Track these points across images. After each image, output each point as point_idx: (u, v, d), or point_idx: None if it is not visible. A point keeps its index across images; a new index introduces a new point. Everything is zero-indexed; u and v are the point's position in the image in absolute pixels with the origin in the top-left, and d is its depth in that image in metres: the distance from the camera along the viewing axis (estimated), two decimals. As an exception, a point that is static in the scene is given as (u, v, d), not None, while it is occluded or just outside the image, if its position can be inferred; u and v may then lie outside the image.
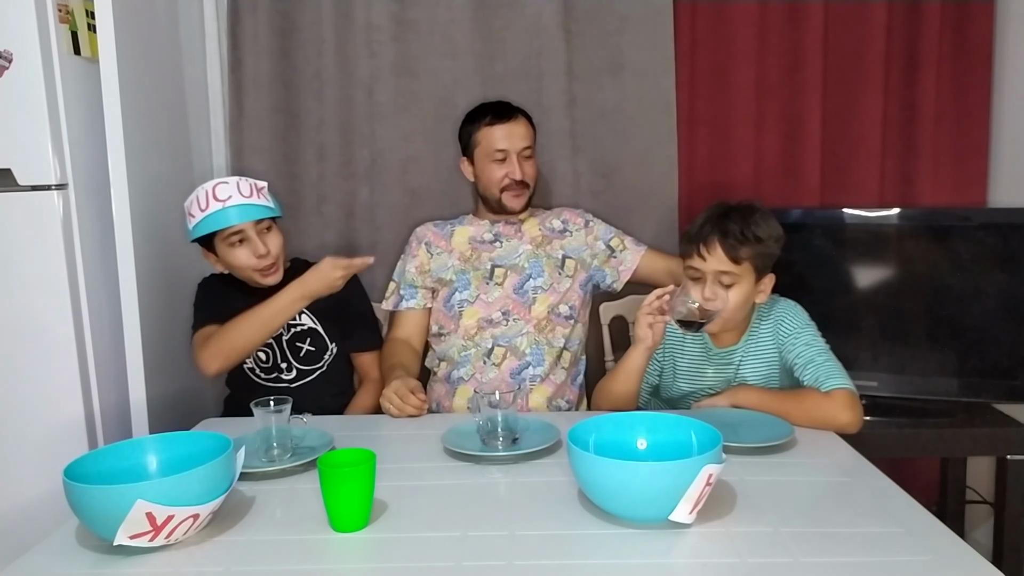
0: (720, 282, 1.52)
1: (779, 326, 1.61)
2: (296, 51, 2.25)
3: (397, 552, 1.06)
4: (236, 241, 1.73)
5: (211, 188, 1.71)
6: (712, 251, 1.50)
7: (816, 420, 1.47)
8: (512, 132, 1.92)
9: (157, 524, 1.03)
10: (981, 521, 2.28)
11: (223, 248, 1.74)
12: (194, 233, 1.74)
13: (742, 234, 1.50)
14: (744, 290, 1.53)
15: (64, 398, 1.76)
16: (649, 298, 1.51)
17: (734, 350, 1.64)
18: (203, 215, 1.71)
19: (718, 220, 1.52)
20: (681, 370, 1.69)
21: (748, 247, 1.50)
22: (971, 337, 1.93)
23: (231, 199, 1.71)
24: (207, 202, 1.71)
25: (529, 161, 1.95)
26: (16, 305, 1.74)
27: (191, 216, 1.74)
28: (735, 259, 1.50)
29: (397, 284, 2.03)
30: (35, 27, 1.66)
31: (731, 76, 2.25)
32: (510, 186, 1.93)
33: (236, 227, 1.71)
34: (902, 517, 1.10)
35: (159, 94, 1.98)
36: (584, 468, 1.12)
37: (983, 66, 2.20)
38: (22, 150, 1.70)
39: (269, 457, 1.35)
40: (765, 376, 1.64)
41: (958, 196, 2.24)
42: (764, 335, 1.63)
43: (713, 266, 1.51)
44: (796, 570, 0.98)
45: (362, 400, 1.88)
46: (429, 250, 2.00)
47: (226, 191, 1.71)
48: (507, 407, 1.39)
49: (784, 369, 1.62)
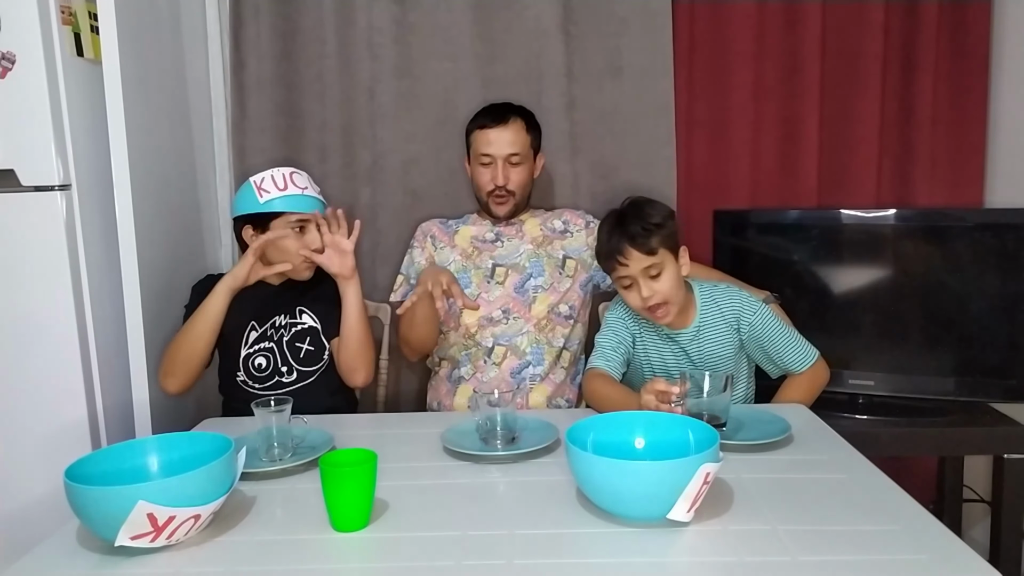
0: (650, 277, 1.61)
1: (741, 315, 1.70)
2: (298, 53, 2.25)
3: (397, 552, 1.06)
4: (298, 228, 1.76)
5: (288, 173, 1.77)
6: (628, 256, 1.60)
7: (815, 396, 1.70)
8: (499, 138, 1.91)
9: (158, 525, 1.04)
10: (978, 520, 2.28)
11: (281, 230, 1.76)
12: (266, 207, 1.74)
13: (644, 229, 1.60)
14: (671, 273, 1.63)
15: (67, 399, 1.76)
16: (658, 389, 1.44)
17: (686, 331, 1.72)
18: (280, 194, 1.75)
19: (618, 228, 1.63)
20: (642, 353, 1.77)
21: (654, 236, 1.60)
22: (968, 337, 1.94)
23: (307, 189, 1.78)
24: (285, 184, 1.75)
25: (517, 168, 1.93)
26: (19, 306, 1.74)
27: (264, 192, 1.74)
28: (650, 251, 1.60)
29: (405, 276, 2.03)
30: (38, 28, 1.67)
31: (729, 78, 2.25)
32: (494, 192, 1.93)
33: (306, 215, 1.76)
34: (900, 515, 1.11)
35: (161, 96, 1.99)
36: (582, 467, 1.13)
37: (980, 68, 2.21)
38: (25, 151, 1.71)
39: (270, 457, 1.36)
40: (720, 356, 1.71)
41: (955, 197, 2.25)
42: (717, 318, 1.72)
43: (636, 267, 1.61)
44: (794, 568, 0.98)
45: (369, 326, 1.84)
46: (434, 243, 2.02)
47: (302, 181, 1.79)
48: (506, 406, 1.40)
49: (740, 348, 1.74)
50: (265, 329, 1.83)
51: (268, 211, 1.75)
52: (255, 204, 1.75)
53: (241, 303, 1.81)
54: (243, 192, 1.79)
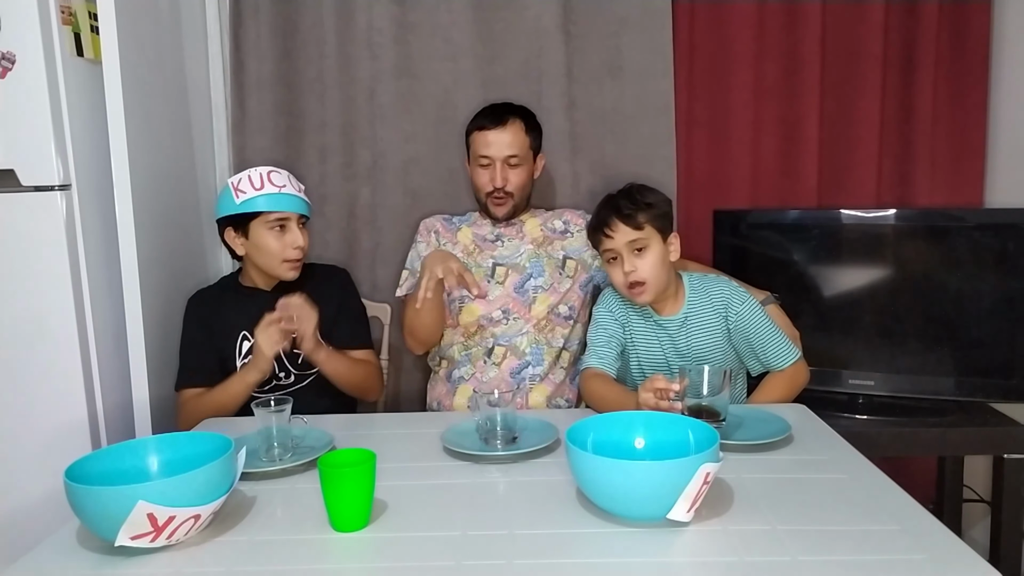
0: (634, 252, 1.64)
1: (730, 303, 1.71)
2: (298, 53, 2.26)
3: (397, 552, 1.06)
4: (277, 227, 1.76)
5: (265, 172, 1.77)
6: (615, 228, 1.64)
7: (793, 394, 1.70)
8: (498, 139, 1.90)
9: (158, 525, 1.04)
10: (978, 519, 2.29)
11: (260, 230, 1.76)
12: (242, 208, 1.74)
13: (633, 204, 1.64)
14: (656, 251, 1.65)
15: (67, 398, 1.77)
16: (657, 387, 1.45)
17: (675, 318, 1.72)
18: (257, 193, 1.74)
19: (609, 203, 1.68)
20: (629, 342, 1.77)
21: (642, 212, 1.64)
22: (968, 337, 1.94)
23: (285, 187, 1.77)
24: (262, 183, 1.75)
25: (516, 169, 1.93)
26: (19, 306, 1.75)
27: (241, 192, 1.74)
28: (636, 226, 1.63)
29: (411, 271, 2.03)
30: (38, 28, 1.67)
31: (729, 78, 2.26)
32: (492, 193, 1.93)
33: (284, 213, 1.76)
34: (900, 515, 1.11)
35: (161, 95, 1.99)
36: (582, 467, 1.13)
37: (980, 67, 2.21)
38: (25, 151, 1.71)
39: (270, 457, 1.36)
40: (711, 346, 1.72)
41: (955, 197, 2.25)
42: (706, 307, 1.72)
43: (621, 239, 1.64)
44: (794, 568, 0.98)
45: (358, 366, 1.85)
46: (438, 239, 2.02)
47: (280, 179, 1.78)
48: (506, 406, 1.40)
49: (727, 339, 1.73)
50: None
51: (245, 211, 1.75)
52: (232, 205, 1.76)
53: (233, 312, 1.80)
54: (222, 194, 1.80)
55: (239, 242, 1.80)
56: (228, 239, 1.81)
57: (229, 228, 1.79)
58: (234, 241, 1.80)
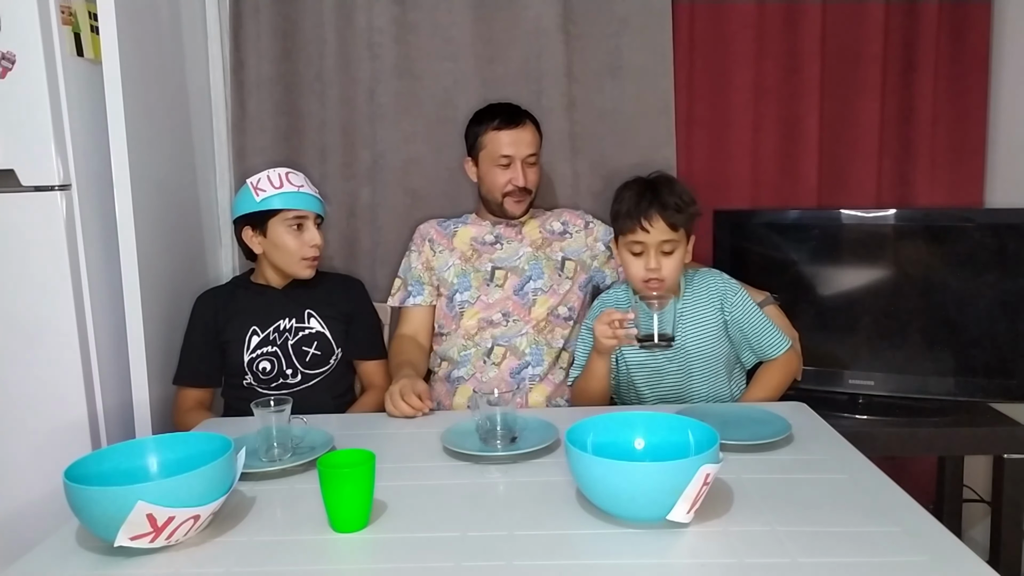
0: (662, 251, 1.63)
1: (725, 294, 1.73)
2: (298, 53, 2.26)
3: (397, 552, 1.06)
4: (295, 225, 1.79)
5: (284, 173, 1.80)
6: (654, 223, 1.61)
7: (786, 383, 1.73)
8: (519, 138, 1.92)
9: (158, 525, 1.04)
10: (978, 520, 2.28)
11: (279, 229, 1.78)
12: (262, 205, 1.77)
13: (679, 203, 1.62)
14: (680, 256, 1.66)
15: (67, 399, 1.77)
16: (609, 318, 1.55)
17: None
18: (276, 192, 1.77)
19: (652, 194, 1.64)
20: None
21: (683, 214, 1.63)
22: (968, 337, 1.94)
23: (303, 187, 1.81)
24: (281, 183, 1.78)
25: (533, 168, 1.95)
26: (19, 306, 1.75)
27: (260, 191, 1.77)
28: (674, 227, 1.62)
29: (404, 280, 2.03)
30: (38, 28, 1.67)
31: (729, 78, 2.25)
32: (512, 192, 1.94)
33: (303, 211, 1.79)
34: (899, 516, 1.11)
35: (161, 95, 1.99)
36: (582, 468, 1.13)
37: (980, 68, 2.21)
38: (25, 151, 1.71)
39: (269, 457, 1.36)
40: (703, 338, 1.72)
41: (955, 197, 2.25)
42: (700, 301, 1.73)
43: (657, 237, 1.62)
44: (794, 569, 0.98)
45: (365, 403, 1.88)
46: (432, 247, 2.02)
47: (298, 179, 1.82)
48: (506, 406, 1.40)
49: (723, 331, 1.74)
50: (268, 333, 1.83)
51: (265, 208, 1.77)
52: (252, 203, 1.77)
53: (243, 307, 1.81)
54: (241, 194, 1.83)
55: (256, 241, 1.82)
56: (245, 238, 1.82)
57: (247, 227, 1.81)
58: (251, 240, 1.82)
